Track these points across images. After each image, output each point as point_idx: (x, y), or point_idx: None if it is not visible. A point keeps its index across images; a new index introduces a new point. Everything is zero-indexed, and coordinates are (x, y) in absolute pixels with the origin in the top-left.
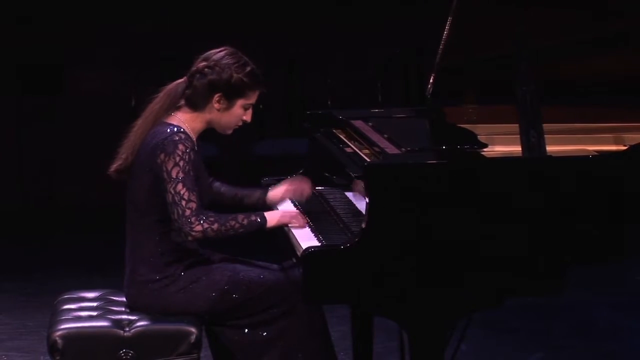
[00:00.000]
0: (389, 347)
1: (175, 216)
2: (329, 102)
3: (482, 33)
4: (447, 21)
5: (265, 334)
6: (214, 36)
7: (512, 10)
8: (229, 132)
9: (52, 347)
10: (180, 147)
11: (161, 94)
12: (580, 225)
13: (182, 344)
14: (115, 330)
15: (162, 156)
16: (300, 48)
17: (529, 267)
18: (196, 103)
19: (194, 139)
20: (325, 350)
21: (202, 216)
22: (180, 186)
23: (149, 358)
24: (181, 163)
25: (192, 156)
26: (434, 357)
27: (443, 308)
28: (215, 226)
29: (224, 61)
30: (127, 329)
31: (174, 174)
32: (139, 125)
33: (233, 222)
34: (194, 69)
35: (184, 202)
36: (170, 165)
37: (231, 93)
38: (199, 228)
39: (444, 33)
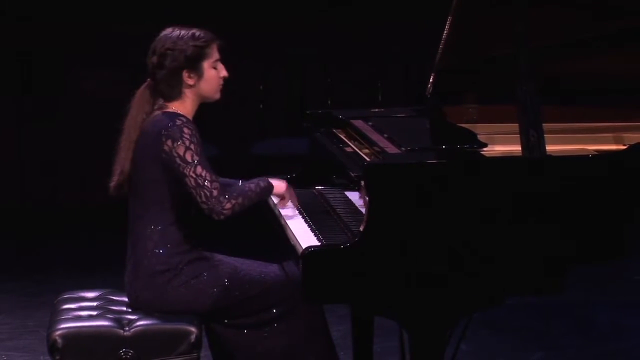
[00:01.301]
0: (389, 347)
1: (204, 198)
2: (328, 102)
3: (482, 32)
4: (447, 20)
5: (265, 334)
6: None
7: (512, 10)
8: (217, 96)
9: (52, 347)
10: (186, 130)
11: (134, 103)
12: (580, 225)
13: (182, 343)
14: (115, 329)
15: (169, 143)
16: (300, 47)
17: (529, 266)
18: (172, 94)
19: None
20: (325, 350)
21: (226, 194)
22: (199, 169)
23: (149, 357)
24: (192, 146)
25: (199, 137)
26: (434, 357)
27: (443, 307)
28: (240, 200)
29: (170, 42)
30: (127, 328)
31: (189, 158)
32: (124, 139)
33: (250, 193)
34: (150, 66)
35: (208, 184)
36: (181, 150)
37: (194, 63)
38: (229, 206)
39: (444, 32)
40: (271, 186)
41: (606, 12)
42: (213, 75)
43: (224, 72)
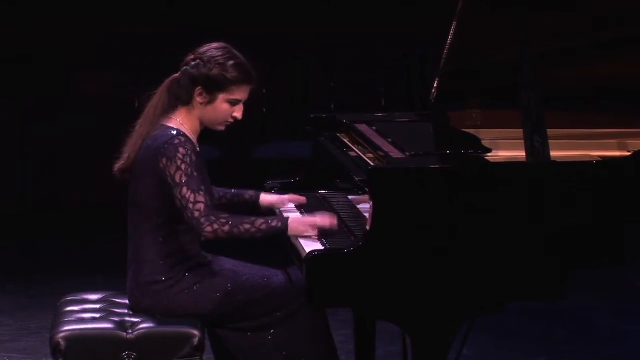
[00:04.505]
0: (391, 351)
1: (186, 218)
2: (332, 106)
3: (486, 38)
4: (451, 25)
5: (268, 337)
6: (215, 37)
7: (517, 15)
8: (219, 127)
9: (54, 349)
10: (181, 150)
11: (159, 90)
12: (582, 230)
13: (184, 346)
14: (118, 332)
15: (163, 160)
16: (303, 50)
17: (531, 271)
18: (182, 98)
19: (194, 140)
20: (328, 354)
21: (211, 217)
22: (184, 189)
23: None
24: (183, 166)
25: (194, 158)
26: None
27: (445, 312)
28: (226, 228)
29: (209, 54)
30: (130, 330)
31: (177, 178)
32: (141, 123)
33: (248, 226)
34: (183, 62)
35: (190, 205)
36: (172, 169)
37: (210, 86)
38: (209, 229)
39: (448, 37)
40: (284, 228)
41: (611, 19)
42: (222, 109)
43: (238, 114)
